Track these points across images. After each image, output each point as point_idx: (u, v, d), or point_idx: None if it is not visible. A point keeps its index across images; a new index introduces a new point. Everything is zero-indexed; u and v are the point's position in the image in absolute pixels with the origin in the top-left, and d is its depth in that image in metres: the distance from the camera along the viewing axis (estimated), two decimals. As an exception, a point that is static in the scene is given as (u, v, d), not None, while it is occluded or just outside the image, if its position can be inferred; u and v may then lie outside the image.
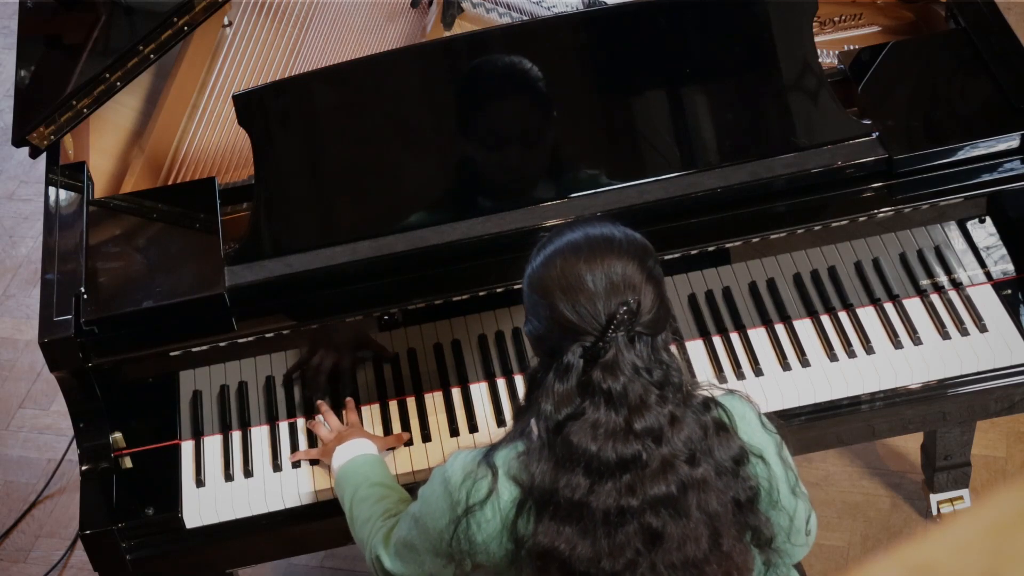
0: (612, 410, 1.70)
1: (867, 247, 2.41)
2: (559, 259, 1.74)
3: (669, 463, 1.71)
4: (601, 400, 1.70)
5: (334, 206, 2.35)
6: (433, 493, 1.83)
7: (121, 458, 2.30)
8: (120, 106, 2.66)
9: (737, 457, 1.77)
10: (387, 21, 2.81)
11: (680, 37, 2.38)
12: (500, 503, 1.76)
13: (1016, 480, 2.04)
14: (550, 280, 1.73)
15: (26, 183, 4.10)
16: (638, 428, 1.70)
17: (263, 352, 2.34)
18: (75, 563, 3.14)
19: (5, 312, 3.74)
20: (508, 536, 1.77)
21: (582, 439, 1.70)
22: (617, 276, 1.71)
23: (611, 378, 1.70)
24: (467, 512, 1.77)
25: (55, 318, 2.26)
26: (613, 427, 1.70)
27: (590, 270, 1.71)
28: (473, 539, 1.78)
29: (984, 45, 2.48)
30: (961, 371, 2.34)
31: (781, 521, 1.84)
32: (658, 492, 1.70)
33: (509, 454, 1.78)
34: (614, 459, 1.70)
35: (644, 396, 1.71)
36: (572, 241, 1.76)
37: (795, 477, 1.86)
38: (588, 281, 1.71)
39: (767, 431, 1.84)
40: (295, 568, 3.05)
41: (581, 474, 1.70)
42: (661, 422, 1.71)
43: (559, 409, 1.72)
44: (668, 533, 1.71)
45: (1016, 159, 2.35)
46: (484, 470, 1.77)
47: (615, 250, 1.73)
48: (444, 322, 2.37)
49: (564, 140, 2.35)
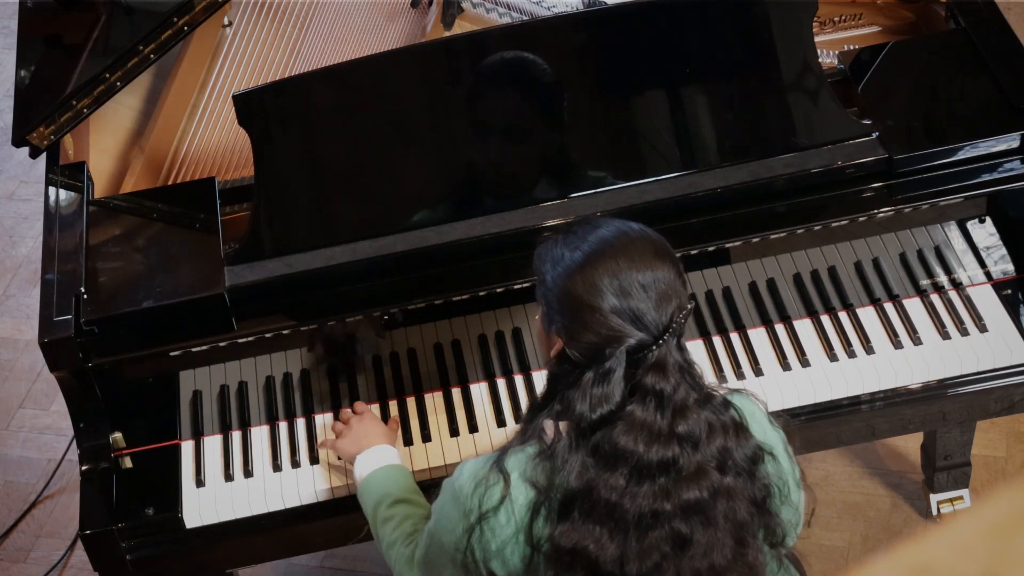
0: (660, 412, 1.69)
1: (867, 247, 2.41)
2: (604, 260, 1.72)
3: (703, 469, 1.71)
4: (652, 401, 1.69)
5: (334, 206, 2.35)
6: (444, 505, 1.82)
7: (121, 458, 2.30)
8: (120, 106, 2.66)
9: (753, 457, 1.77)
10: (387, 21, 2.81)
11: (680, 37, 2.38)
12: (515, 507, 1.74)
13: (1016, 480, 2.04)
14: (597, 281, 1.71)
15: (26, 183, 4.10)
16: (680, 431, 1.70)
17: (263, 352, 2.34)
18: (75, 563, 3.14)
19: (5, 312, 3.74)
20: (524, 540, 1.75)
21: (628, 440, 1.69)
22: (665, 278, 1.71)
23: (662, 380, 1.69)
24: (481, 519, 1.75)
25: (55, 318, 2.26)
26: (658, 429, 1.69)
27: (640, 272, 1.70)
28: (488, 546, 1.76)
29: (984, 45, 2.48)
30: (961, 371, 2.34)
31: (790, 517, 1.84)
32: (691, 497, 1.70)
33: (521, 457, 1.76)
34: (655, 461, 1.69)
35: (686, 399, 1.71)
36: (611, 240, 1.74)
37: (799, 470, 1.87)
38: (639, 284, 1.70)
39: (775, 428, 1.85)
40: (295, 568, 3.05)
41: (622, 475, 1.69)
42: (700, 428, 1.71)
43: (595, 409, 1.70)
44: (696, 540, 1.70)
45: (1016, 159, 2.35)
46: (496, 476, 1.75)
47: (658, 251, 1.74)
48: (444, 322, 2.37)
49: (564, 140, 2.35)
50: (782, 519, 1.81)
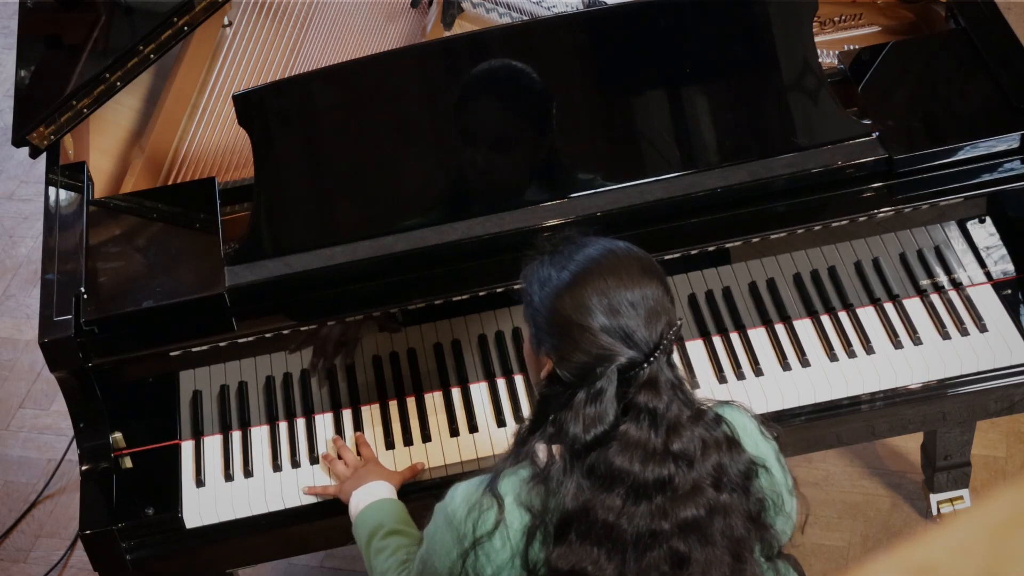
0: (653, 430, 1.68)
1: (867, 247, 2.41)
2: (595, 280, 1.71)
3: (698, 486, 1.70)
4: (646, 419, 1.68)
5: (334, 206, 2.35)
6: (437, 530, 1.80)
7: (121, 458, 2.30)
8: (120, 106, 2.66)
9: (747, 472, 1.76)
10: (387, 21, 2.81)
11: (680, 37, 2.38)
12: (509, 532, 1.73)
13: (1016, 480, 2.04)
14: (587, 300, 1.70)
15: (26, 183, 4.10)
16: (675, 449, 1.69)
17: (263, 352, 2.34)
18: (75, 563, 3.14)
19: (5, 312, 3.75)
20: (520, 564, 1.73)
21: (623, 460, 1.68)
22: (653, 297, 1.71)
23: (655, 398, 1.69)
24: (475, 544, 1.73)
25: (55, 318, 2.26)
26: (653, 448, 1.68)
27: (629, 291, 1.70)
28: (483, 572, 1.74)
29: (984, 45, 2.48)
30: (961, 371, 2.34)
31: (785, 526, 1.83)
32: (688, 515, 1.69)
33: (515, 480, 1.75)
34: (652, 480, 1.68)
35: (679, 416, 1.70)
36: (599, 260, 1.73)
37: (792, 479, 1.86)
38: (627, 303, 1.69)
39: (766, 439, 1.84)
40: (295, 568, 3.05)
41: (619, 495, 1.68)
42: (695, 444, 1.70)
43: (588, 431, 1.69)
44: (694, 558, 1.69)
45: (1016, 159, 2.35)
46: (490, 500, 1.73)
47: (646, 271, 1.73)
48: (444, 322, 2.37)
49: (564, 140, 2.35)
50: (777, 530, 1.80)
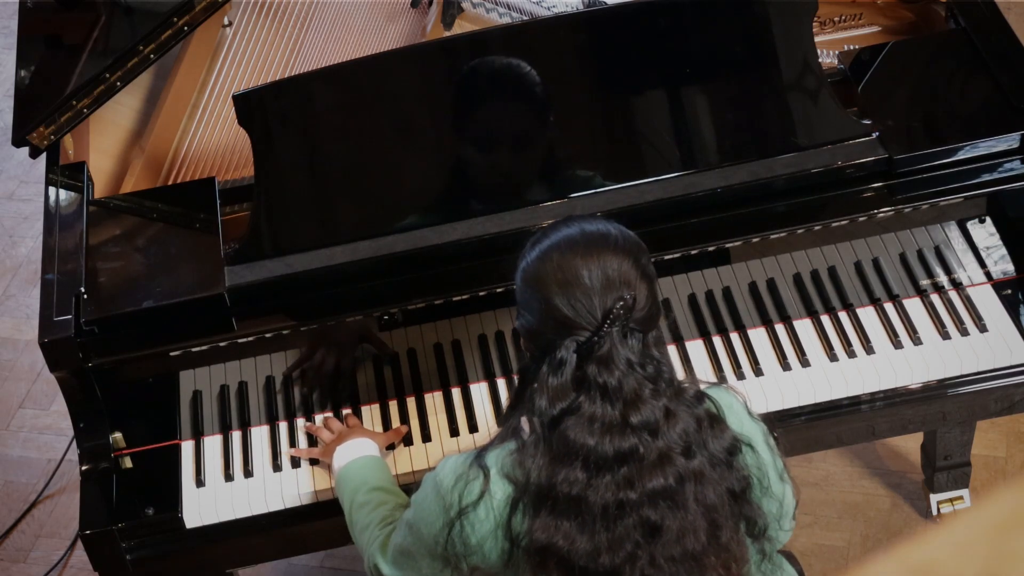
0: (608, 404, 1.71)
1: (867, 247, 2.41)
2: (555, 253, 1.76)
3: (666, 456, 1.72)
4: (597, 394, 1.71)
5: (334, 206, 2.35)
6: (425, 498, 1.84)
7: (121, 458, 2.30)
8: (120, 106, 2.66)
9: (730, 448, 1.79)
10: (387, 21, 2.81)
11: (680, 37, 2.38)
12: (493, 503, 1.77)
13: (1016, 480, 2.04)
14: (545, 274, 1.75)
15: (26, 183, 4.10)
16: (634, 421, 1.71)
17: (263, 352, 2.34)
18: (75, 563, 3.14)
19: (5, 312, 3.74)
20: (503, 535, 1.77)
21: (579, 433, 1.71)
22: (613, 272, 1.72)
23: (606, 372, 1.71)
24: (460, 514, 1.77)
25: (55, 318, 2.26)
26: (609, 421, 1.71)
27: (586, 265, 1.73)
28: (468, 541, 1.78)
29: (984, 45, 2.48)
30: (961, 371, 2.34)
31: (772, 508, 1.85)
32: (656, 485, 1.71)
33: (501, 453, 1.79)
34: (611, 452, 1.71)
35: (638, 390, 1.72)
36: (568, 236, 1.77)
37: (782, 463, 1.88)
38: (584, 276, 1.72)
39: (754, 420, 1.87)
40: (295, 568, 3.05)
41: (579, 468, 1.71)
42: (656, 415, 1.72)
43: (553, 404, 1.73)
44: (667, 526, 1.71)
45: (1016, 159, 2.35)
46: (476, 471, 1.78)
47: (611, 246, 1.75)
48: (444, 322, 2.37)
49: (564, 140, 2.35)
50: (763, 511, 1.82)
